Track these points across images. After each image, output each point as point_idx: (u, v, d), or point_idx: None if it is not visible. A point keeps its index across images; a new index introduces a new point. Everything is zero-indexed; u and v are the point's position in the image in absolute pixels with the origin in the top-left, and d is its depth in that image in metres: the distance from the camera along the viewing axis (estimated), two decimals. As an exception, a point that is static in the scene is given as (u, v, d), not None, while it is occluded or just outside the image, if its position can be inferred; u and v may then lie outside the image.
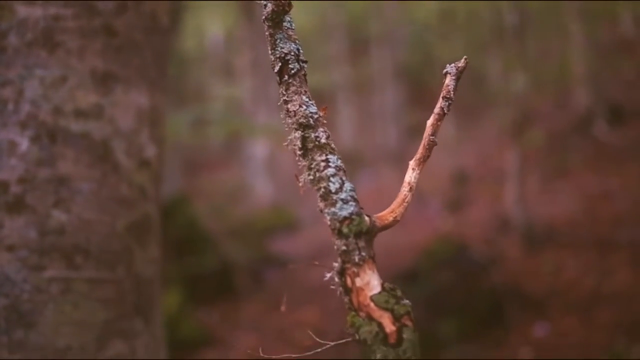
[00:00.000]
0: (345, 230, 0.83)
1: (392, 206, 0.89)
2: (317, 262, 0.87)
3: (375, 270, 0.83)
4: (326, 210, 0.84)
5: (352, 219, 0.83)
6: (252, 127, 7.12)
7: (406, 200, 0.90)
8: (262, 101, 10.12)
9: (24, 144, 1.47)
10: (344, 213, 0.83)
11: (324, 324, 4.84)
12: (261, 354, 0.92)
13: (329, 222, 0.84)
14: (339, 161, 0.86)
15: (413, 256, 5.21)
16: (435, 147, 0.93)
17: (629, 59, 8.96)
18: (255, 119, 9.26)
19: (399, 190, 0.91)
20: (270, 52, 0.91)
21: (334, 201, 0.84)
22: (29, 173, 1.46)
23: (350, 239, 0.83)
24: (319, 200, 0.85)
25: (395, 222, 0.88)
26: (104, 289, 1.52)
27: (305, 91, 0.89)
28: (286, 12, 0.91)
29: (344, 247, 0.83)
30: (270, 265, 6.28)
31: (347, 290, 0.84)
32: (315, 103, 0.89)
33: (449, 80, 0.95)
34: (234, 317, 5.40)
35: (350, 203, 0.84)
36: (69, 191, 1.48)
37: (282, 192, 10.47)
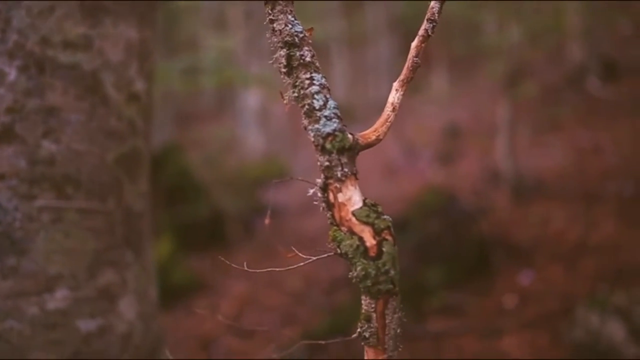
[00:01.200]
0: (328, 146, 0.84)
1: (375, 125, 0.91)
2: (301, 179, 0.89)
3: (357, 187, 0.85)
4: (310, 127, 0.86)
5: (336, 135, 0.85)
6: (244, 76, 7.07)
7: (389, 120, 0.91)
8: (255, 53, 10.02)
9: (12, 73, 1.47)
10: (328, 129, 0.85)
11: (315, 271, 4.92)
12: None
13: (312, 139, 0.85)
14: (323, 79, 0.88)
15: (403, 207, 5.25)
16: (427, 100, 0.94)
17: (624, 15, 8.88)
18: (248, 69, 9.19)
19: (392, 144, 0.92)
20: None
21: (317, 118, 0.85)
22: (18, 103, 1.46)
23: (333, 155, 0.85)
24: (303, 118, 0.86)
25: (377, 140, 0.89)
26: (95, 220, 1.54)
27: (291, 10, 0.90)
28: None
29: (327, 163, 0.85)
30: (261, 215, 6.32)
31: (330, 206, 0.86)
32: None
33: (433, 3, 0.95)
34: (225, 264, 5.45)
35: (334, 120, 0.85)
36: (58, 122, 1.49)
37: (274, 144, 10.48)
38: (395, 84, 0.94)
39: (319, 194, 0.86)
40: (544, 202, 5.36)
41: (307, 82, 0.87)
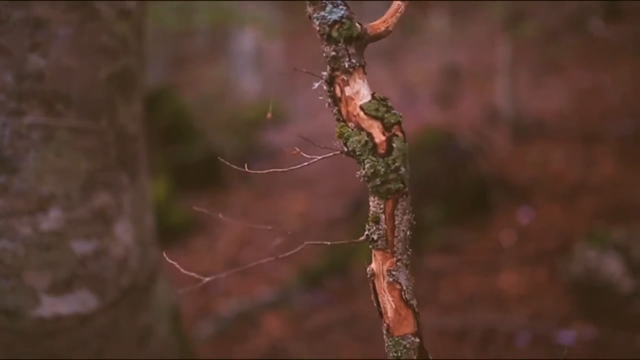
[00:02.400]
0: (334, 34, 0.78)
1: (385, 16, 0.84)
2: (306, 70, 0.83)
3: (366, 80, 0.80)
4: (315, 15, 0.79)
5: (343, 23, 0.78)
6: (240, 16, 6.89)
7: (399, 11, 0.85)
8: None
9: (-5, -18, 1.39)
10: (334, 17, 0.78)
11: (312, 210, 4.91)
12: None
13: (317, 28, 0.79)
14: (329, -38, 0.81)
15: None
16: (426, 41, 0.87)
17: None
18: (243, 9, 8.97)
19: (389, 85, 0.86)
20: None
21: (323, 4, 0.79)
22: (2, 13, 1.38)
23: (340, 45, 0.78)
24: (307, 6, 0.80)
25: (387, 32, 0.83)
26: (87, 139, 1.48)
27: None
28: None
29: (333, 53, 0.79)
30: (257, 156, 6.27)
31: (336, 100, 0.81)
32: None
33: None
34: (222, 204, 5.44)
35: (341, 7, 0.79)
36: (46, 35, 1.42)
37: (270, 87, 10.33)
38: (407, -29, 0.87)
39: (325, 88, 0.81)
40: (544, 142, 5.31)
41: (312, -35, 0.80)
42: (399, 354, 0.83)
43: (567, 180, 4.67)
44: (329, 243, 0.90)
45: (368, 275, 0.84)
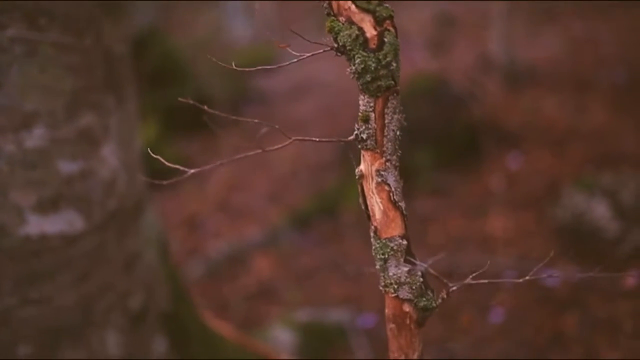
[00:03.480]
0: None
1: None
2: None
3: (358, -28, 0.77)
4: None
5: None
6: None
7: None
8: None
9: None
10: None
11: (302, 154, 4.89)
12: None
13: None
14: None
15: (393, 92, 5.15)
16: None
17: None
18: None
19: None
20: None
21: None
22: None
23: None
24: None
25: None
26: (72, 56, 1.45)
27: None
28: None
29: (324, -59, 0.76)
30: (248, 100, 6.21)
31: (327, -7, 0.78)
32: None
33: None
34: (212, 148, 5.41)
35: None
36: (27, -55, 1.36)
37: (261, 34, 10.17)
38: None
39: (316, -21, 0.78)
40: (536, 90, 5.28)
41: None
42: (386, 256, 0.83)
43: (558, 127, 4.67)
44: (317, 139, 0.88)
45: (357, 177, 0.83)
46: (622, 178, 3.60)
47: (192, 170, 0.88)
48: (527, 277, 0.94)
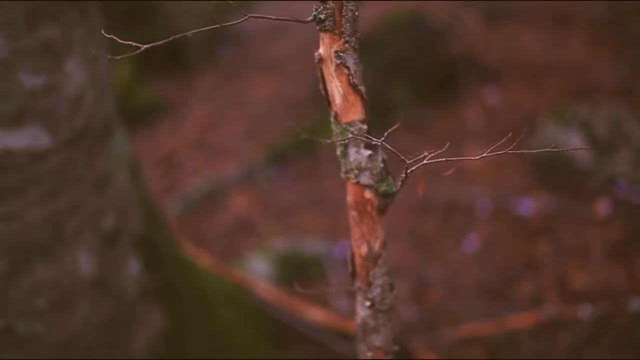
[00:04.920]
0: None
1: None
2: None
3: None
4: None
5: None
6: None
7: None
8: None
9: None
10: None
11: (279, 91, 4.84)
12: None
13: None
14: None
15: (369, 29, 5.09)
16: None
17: None
18: None
19: None
20: None
21: None
22: None
23: None
24: None
25: None
26: (30, -35, 1.39)
27: None
28: None
29: None
30: (225, 41, 6.10)
31: None
32: None
33: None
34: (188, 88, 5.34)
35: None
36: None
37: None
38: None
39: None
40: (515, 25, 5.24)
41: None
42: (347, 141, 0.82)
43: (536, 61, 4.66)
44: (272, 17, 0.86)
45: (315, 61, 0.81)
46: (597, 109, 3.62)
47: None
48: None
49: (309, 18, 0.79)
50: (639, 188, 3.12)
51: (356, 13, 0.79)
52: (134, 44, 0.83)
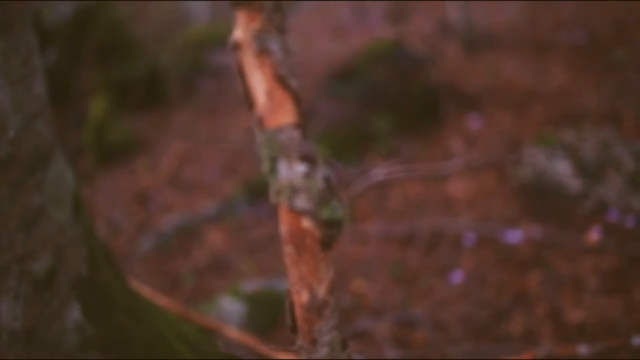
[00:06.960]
0: None
1: None
2: None
3: None
4: None
5: None
6: None
7: None
8: None
9: None
10: None
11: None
12: None
13: None
14: None
15: (349, 60, 4.99)
16: None
17: None
18: None
19: (341, 5, 0.64)
20: None
21: None
22: None
23: None
24: None
25: None
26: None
27: None
28: None
29: None
30: (203, 75, 5.98)
31: None
32: None
33: None
34: (165, 123, 5.18)
35: None
36: None
37: (220, 15, 9.89)
38: None
39: None
40: (495, 53, 5.17)
41: None
42: (274, 152, 0.64)
43: (517, 89, 4.56)
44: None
45: (231, 47, 0.64)
46: (583, 135, 3.50)
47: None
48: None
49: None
50: (631, 214, 2.97)
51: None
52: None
